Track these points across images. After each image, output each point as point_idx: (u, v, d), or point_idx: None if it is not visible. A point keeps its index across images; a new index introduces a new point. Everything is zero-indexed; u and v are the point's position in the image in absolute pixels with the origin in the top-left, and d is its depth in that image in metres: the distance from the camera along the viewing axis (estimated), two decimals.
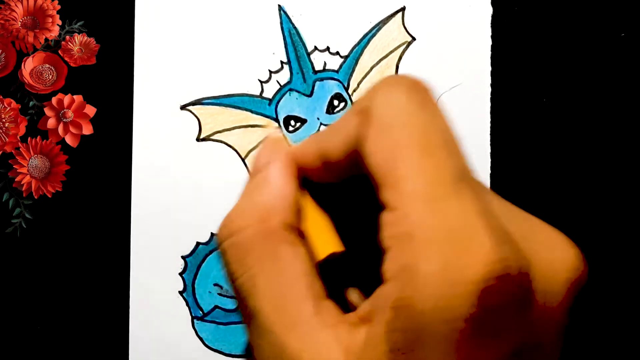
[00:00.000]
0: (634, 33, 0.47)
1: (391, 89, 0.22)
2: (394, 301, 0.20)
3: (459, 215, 0.20)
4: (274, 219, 0.23)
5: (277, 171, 0.24)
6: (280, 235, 0.23)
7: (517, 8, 0.47)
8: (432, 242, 0.19)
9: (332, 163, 0.24)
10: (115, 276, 0.47)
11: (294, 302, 0.22)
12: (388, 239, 0.20)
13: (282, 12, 0.47)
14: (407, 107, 0.22)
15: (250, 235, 0.23)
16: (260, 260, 0.23)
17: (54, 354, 0.47)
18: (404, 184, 0.20)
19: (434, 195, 0.20)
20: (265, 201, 0.24)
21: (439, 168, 0.21)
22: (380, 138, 0.22)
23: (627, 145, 0.47)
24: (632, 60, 0.47)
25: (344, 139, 0.23)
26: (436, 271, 0.19)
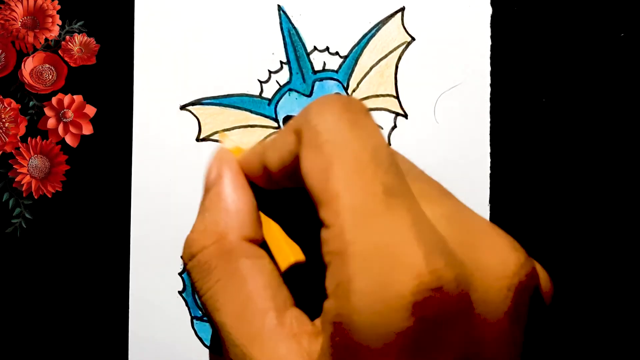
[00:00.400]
0: (634, 33, 0.47)
1: (322, 109, 0.23)
2: (333, 317, 0.20)
3: (390, 229, 0.20)
4: (231, 234, 0.24)
5: (229, 185, 0.25)
6: (239, 249, 0.24)
7: (517, 8, 0.47)
8: (364, 258, 0.20)
9: (272, 174, 0.24)
10: (115, 276, 0.47)
11: (256, 314, 0.22)
12: (326, 255, 0.21)
13: (282, 12, 0.47)
14: (336, 126, 0.22)
15: (210, 254, 0.24)
16: (221, 277, 0.23)
17: (54, 354, 0.47)
18: (337, 201, 0.21)
19: (365, 211, 0.20)
20: (221, 218, 0.24)
21: (369, 184, 0.21)
22: (313, 157, 0.22)
23: (627, 145, 0.47)
24: (632, 60, 0.47)
25: (279, 155, 0.24)
26: (368, 287, 0.19)
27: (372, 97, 0.47)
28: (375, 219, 0.20)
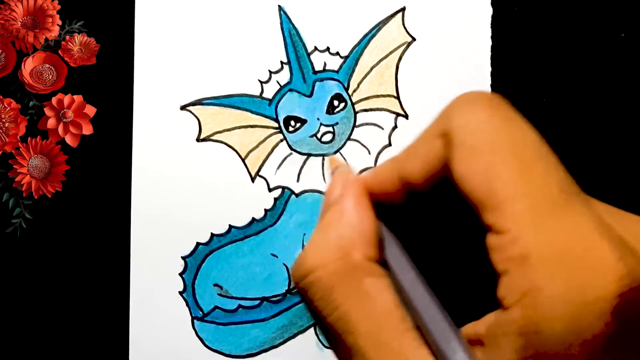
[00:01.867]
0: (634, 33, 0.47)
1: (469, 108, 0.22)
2: (521, 327, 0.19)
3: (573, 230, 0.19)
4: (355, 253, 0.22)
5: (351, 204, 0.24)
6: (364, 268, 0.22)
7: (517, 8, 0.47)
8: (551, 262, 0.19)
9: (413, 186, 0.23)
10: (115, 276, 0.47)
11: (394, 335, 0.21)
12: (502, 263, 0.20)
13: (282, 12, 0.47)
14: (490, 124, 0.21)
15: (333, 271, 0.22)
16: (348, 296, 0.22)
17: (54, 354, 0.47)
18: (508, 204, 0.20)
19: (543, 212, 0.19)
20: (344, 235, 0.23)
21: (541, 183, 0.20)
22: (470, 160, 0.21)
23: (627, 145, 0.47)
24: (632, 60, 0.47)
25: (425, 163, 0.22)
26: (562, 292, 0.18)
27: (373, 98, 0.47)
28: (555, 219, 0.19)
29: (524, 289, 0.19)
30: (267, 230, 0.47)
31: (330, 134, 0.47)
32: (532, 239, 0.19)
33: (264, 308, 0.47)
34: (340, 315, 0.22)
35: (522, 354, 0.19)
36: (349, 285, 0.22)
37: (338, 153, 0.47)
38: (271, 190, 0.47)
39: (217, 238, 0.47)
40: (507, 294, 0.20)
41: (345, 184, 0.24)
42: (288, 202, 0.47)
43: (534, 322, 0.19)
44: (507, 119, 0.21)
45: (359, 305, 0.21)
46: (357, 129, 0.47)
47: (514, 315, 0.19)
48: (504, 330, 0.19)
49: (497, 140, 0.21)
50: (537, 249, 0.19)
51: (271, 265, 0.47)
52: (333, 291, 0.22)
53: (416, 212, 0.25)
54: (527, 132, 0.21)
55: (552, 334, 0.18)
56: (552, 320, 0.18)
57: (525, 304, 0.19)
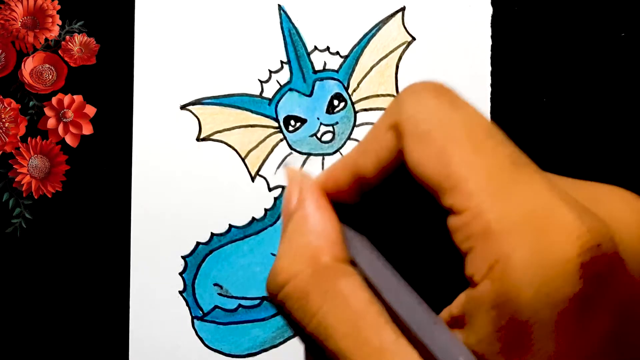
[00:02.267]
0: (634, 33, 0.47)
1: (416, 97, 0.22)
2: (493, 300, 0.19)
3: (531, 196, 0.19)
4: (324, 257, 0.22)
5: (312, 208, 0.24)
6: (334, 270, 0.22)
7: (517, 8, 0.47)
8: (512, 231, 0.19)
9: (368, 181, 0.23)
10: (115, 276, 0.47)
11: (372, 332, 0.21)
12: (465, 241, 0.20)
13: (282, 11, 0.47)
14: (439, 110, 0.21)
15: (305, 279, 0.22)
16: (324, 301, 0.22)
17: (54, 354, 0.47)
18: (465, 183, 0.20)
19: (498, 185, 0.20)
20: (310, 242, 0.23)
21: (495, 157, 0.20)
22: (422, 147, 0.21)
23: (628, 145, 0.47)
24: (632, 60, 0.47)
25: (377, 157, 0.23)
26: (528, 258, 0.19)
27: (373, 97, 0.47)
28: (512, 190, 0.20)
29: (490, 261, 0.19)
30: (267, 230, 0.47)
31: (330, 134, 0.47)
32: (491, 212, 0.19)
33: (264, 307, 0.47)
34: (318, 321, 0.22)
35: (496, 326, 0.19)
36: (323, 290, 0.22)
37: (338, 152, 0.47)
38: (271, 190, 0.47)
39: (217, 237, 0.47)
40: (474, 271, 0.20)
41: (301, 189, 0.24)
42: None
43: (504, 292, 0.19)
44: (454, 104, 0.22)
45: (334, 307, 0.21)
46: (357, 128, 0.47)
47: (484, 289, 0.19)
48: (476, 306, 0.20)
49: (447, 124, 0.21)
50: (497, 220, 0.19)
51: (271, 264, 0.47)
52: (308, 299, 0.22)
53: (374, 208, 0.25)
54: (474, 114, 0.22)
55: (523, 301, 0.19)
56: (521, 287, 0.19)
57: (493, 276, 0.19)
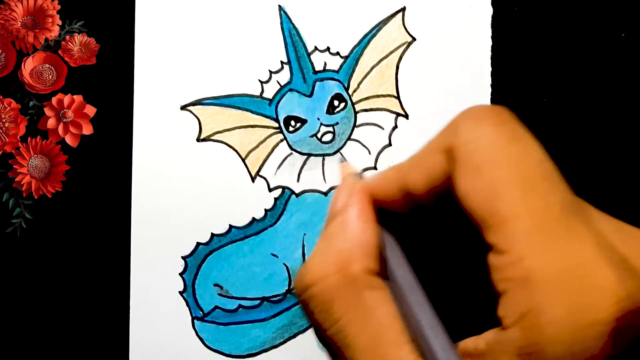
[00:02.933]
0: (634, 33, 0.47)
1: (475, 124, 0.22)
2: (520, 348, 0.19)
3: (576, 252, 0.19)
4: (355, 266, 0.22)
5: (355, 216, 0.24)
6: (363, 281, 0.22)
7: (517, 8, 0.47)
8: (552, 284, 0.19)
9: (416, 197, 0.23)
10: (115, 276, 0.47)
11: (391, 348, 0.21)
12: (502, 282, 0.20)
13: (282, 12, 0.47)
14: (495, 143, 0.21)
15: (333, 284, 0.22)
16: (347, 309, 0.22)
17: (54, 354, 0.47)
18: (510, 224, 0.20)
19: (544, 233, 0.19)
20: (345, 248, 0.23)
21: (544, 203, 0.20)
22: (473, 178, 0.21)
23: (628, 145, 0.47)
24: (632, 60, 0.47)
25: (427, 177, 0.22)
26: (562, 315, 0.19)
27: (373, 98, 0.47)
28: (558, 242, 0.19)
29: (524, 310, 0.19)
30: (267, 230, 0.47)
31: (331, 134, 0.47)
32: (533, 261, 0.19)
33: (264, 308, 0.47)
34: (339, 328, 0.22)
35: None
36: (348, 299, 0.22)
37: (338, 153, 0.47)
38: (271, 190, 0.47)
39: (217, 238, 0.47)
40: (507, 314, 0.20)
41: (350, 193, 0.24)
42: (288, 202, 0.47)
43: (533, 343, 0.19)
44: (512, 137, 0.21)
45: (357, 318, 0.22)
46: (357, 128, 0.47)
47: (513, 335, 0.19)
48: (502, 349, 0.20)
49: (501, 159, 0.21)
50: (537, 270, 0.19)
51: (271, 265, 0.47)
52: (332, 304, 0.22)
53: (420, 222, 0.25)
54: (532, 150, 0.21)
55: (550, 355, 0.19)
56: (551, 342, 0.19)
57: (525, 325, 0.19)
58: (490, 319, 0.20)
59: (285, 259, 0.47)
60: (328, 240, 0.24)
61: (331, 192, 0.47)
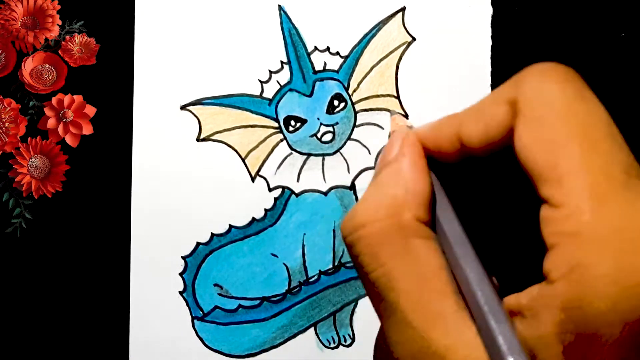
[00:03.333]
0: (634, 33, 0.47)
1: (541, 78, 0.21)
2: (565, 302, 0.19)
3: (629, 212, 0.19)
4: (406, 213, 0.22)
5: (407, 165, 0.24)
6: (413, 229, 0.22)
7: (517, 8, 0.47)
8: (603, 241, 0.19)
9: (470, 149, 0.23)
10: (115, 276, 0.47)
11: (435, 297, 0.21)
12: (553, 236, 0.20)
13: (282, 12, 0.47)
14: (561, 99, 0.21)
15: (382, 228, 0.22)
16: (394, 254, 0.22)
17: (54, 354, 0.47)
18: (569, 179, 0.20)
19: (603, 192, 0.19)
20: (397, 195, 0.23)
21: (606, 162, 0.20)
22: (535, 132, 0.21)
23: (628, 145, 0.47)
24: (632, 60, 0.47)
25: (486, 128, 0.22)
26: (610, 272, 0.18)
27: (373, 97, 0.47)
28: (614, 201, 0.19)
29: (572, 264, 0.19)
30: (267, 230, 0.47)
31: (331, 134, 0.47)
32: (586, 216, 0.19)
33: (264, 308, 0.47)
34: (384, 272, 0.22)
35: (561, 329, 0.19)
36: (396, 244, 0.22)
37: (338, 153, 0.47)
38: (271, 190, 0.47)
39: (217, 238, 0.47)
40: (553, 268, 0.19)
41: (403, 143, 0.24)
42: (288, 202, 0.47)
43: (578, 298, 0.19)
44: (578, 94, 0.21)
45: (403, 264, 0.21)
46: (357, 128, 0.47)
47: (559, 289, 0.19)
48: (546, 303, 0.19)
49: (565, 115, 0.21)
50: (590, 226, 0.19)
51: (271, 265, 0.47)
52: (380, 248, 0.22)
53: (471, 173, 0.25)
54: (597, 109, 0.21)
55: (595, 312, 0.18)
56: (597, 299, 0.18)
57: (571, 279, 0.19)
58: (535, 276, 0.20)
59: (285, 259, 0.47)
60: (380, 187, 0.23)
61: (331, 192, 0.47)
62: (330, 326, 0.47)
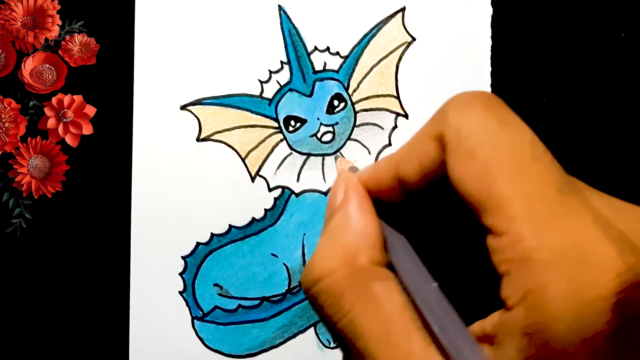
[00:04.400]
0: (634, 33, 0.47)
1: (464, 110, 0.22)
2: (524, 327, 0.19)
3: (574, 230, 0.19)
4: (361, 258, 0.23)
5: (355, 209, 0.24)
6: (370, 273, 0.22)
7: (517, 8, 0.47)
8: (552, 262, 0.19)
9: (410, 186, 0.23)
10: (115, 276, 0.47)
11: (402, 337, 0.21)
12: (503, 264, 0.20)
13: (282, 12, 0.47)
14: (485, 127, 0.21)
15: (341, 277, 0.22)
16: (356, 301, 0.22)
17: (54, 354, 0.47)
18: (506, 206, 0.20)
19: (540, 213, 0.20)
20: (349, 242, 0.23)
21: (538, 183, 0.20)
22: (465, 164, 0.21)
23: (627, 145, 0.47)
24: (632, 60, 0.47)
25: (420, 165, 0.23)
26: (564, 292, 0.19)
27: (373, 97, 0.47)
28: (555, 221, 0.19)
29: (526, 290, 0.19)
30: (267, 230, 0.47)
31: (330, 134, 0.47)
32: (531, 241, 0.19)
33: (264, 308, 0.47)
34: (349, 320, 0.22)
35: (525, 354, 0.19)
36: (357, 291, 0.22)
37: (338, 152, 0.47)
38: (271, 190, 0.47)
39: (217, 238, 0.47)
40: (509, 295, 0.20)
41: (346, 188, 0.25)
42: (288, 202, 0.47)
43: (537, 322, 0.19)
44: (502, 120, 0.21)
45: (367, 309, 0.22)
46: (357, 128, 0.47)
47: (517, 315, 0.19)
48: (507, 330, 0.20)
49: (493, 143, 0.21)
50: (536, 250, 0.19)
51: (271, 265, 0.47)
52: (342, 297, 0.22)
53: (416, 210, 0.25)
54: (523, 133, 0.21)
55: (554, 333, 0.19)
56: (555, 320, 0.19)
57: (528, 304, 0.19)
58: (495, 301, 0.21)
59: (285, 259, 0.47)
60: (331, 236, 0.24)
61: None
62: None
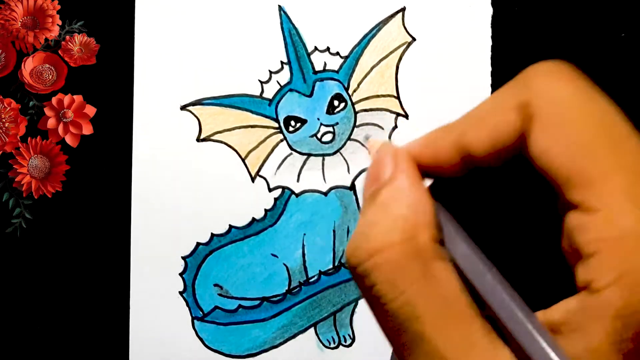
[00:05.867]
0: (634, 33, 0.47)
1: (551, 79, 0.21)
2: (619, 309, 0.18)
3: None
4: (422, 235, 0.21)
5: (408, 184, 0.22)
6: (431, 251, 0.21)
7: (517, 8, 0.47)
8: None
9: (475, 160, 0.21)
10: (115, 276, 0.47)
11: (463, 322, 0.20)
12: (592, 243, 0.19)
13: (282, 12, 0.47)
14: (577, 98, 0.20)
15: (400, 253, 0.20)
16: (415, 281, 0.20)
17: (54, 354, 0.47)
18: (602, 183, 0.19)
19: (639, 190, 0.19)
20: (407, 216, 0.21)
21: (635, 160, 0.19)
22: (555, 136, 0.20)
23: None
24: (632, 60, 0.47)
25: (493, 134, 0.21)
26: None
27: (373, 98, 0.47)
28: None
29: (621, 270, 0.18)
30: (267, 230, 0.47)
31: (331, 134, 0.47)
32: (629, 219, 0.18)
33: (264, 308, 0.47)
34: (406, 300, 0.20)
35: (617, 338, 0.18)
36: (415, 270, 0.20)
37: (338, 153, 0.47)
38: (271, 190, 0.47)
39: (217, 238, 0.47)
40: (597, 276, 0.19)
41: (395, 161, 0.23)
42: (288, 202, 0.47)
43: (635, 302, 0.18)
44: (591, 94, 0.20)
45: (427, 290, 0.20)
46: (357, 128, 0.47)
47: (611, 297, 0.18)
48: (593, 314, 0.19)
49: (584, 116, 0.20)
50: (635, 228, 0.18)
51: (271, 265, 0.47)
52: (398, 275, 0.20)
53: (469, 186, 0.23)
54: (612, 107, 0.20)
55: None
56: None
57: (623, 285, 0.18)
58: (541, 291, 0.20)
59: (285, 259, 0.47)
60: (384, 209, 0.22)
61: (331, 192, 0.47)
62: (331, 326, 0.47)
